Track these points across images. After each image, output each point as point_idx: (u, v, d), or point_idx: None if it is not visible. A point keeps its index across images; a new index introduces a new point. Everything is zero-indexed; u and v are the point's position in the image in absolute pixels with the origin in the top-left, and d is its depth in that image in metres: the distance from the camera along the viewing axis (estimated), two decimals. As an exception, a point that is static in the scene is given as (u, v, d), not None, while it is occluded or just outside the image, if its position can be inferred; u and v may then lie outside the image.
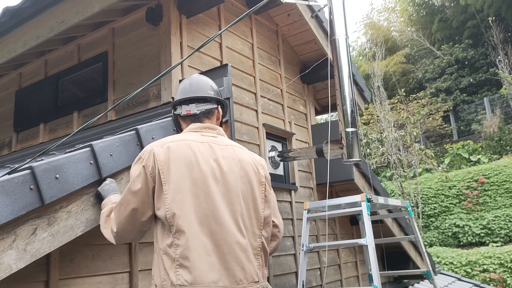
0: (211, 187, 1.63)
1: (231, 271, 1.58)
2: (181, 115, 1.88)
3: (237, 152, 1.78)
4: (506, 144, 13.29)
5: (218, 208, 1.62)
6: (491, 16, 16.01)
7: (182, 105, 1.88)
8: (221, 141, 1.78)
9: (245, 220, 1.67)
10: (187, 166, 1.63)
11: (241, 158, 1.76)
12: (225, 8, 3.70)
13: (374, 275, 2.89)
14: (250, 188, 1.73)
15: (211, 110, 1.89)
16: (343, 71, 3.09)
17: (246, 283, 1.61)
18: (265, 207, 1.77)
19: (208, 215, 1.60)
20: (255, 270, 1.65)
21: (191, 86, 1.91)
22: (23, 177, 1.52)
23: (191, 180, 1.62)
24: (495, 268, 8.65)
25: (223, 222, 1.61)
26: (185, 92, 1.90)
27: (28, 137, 4.06)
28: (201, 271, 1.54)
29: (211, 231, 1.59)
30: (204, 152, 1.69)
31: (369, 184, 4.37)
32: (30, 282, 1.84)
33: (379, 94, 13.42)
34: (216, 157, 1.70)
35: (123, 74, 3.38)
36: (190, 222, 1.58)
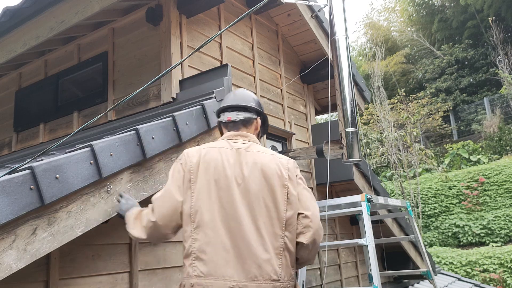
0: (233, 190, 1.79)
1: (246, 267, 1.69)
2: (222, 121, 2.07)
3: (261, 157, 1.91)
4: (506, 144, 13.29)
5: (238, 209, 1.76)
6: (491, 16, 16.00)
7: (225, 112, 2.08)
8: (249, 147, 1.94)
9: (265, 221, 1.78)
10: (214, 170, 1.82)
11: (264, 163, 1.88)
12: (225, 8, 3.70)
13: (374, 275, 2.89)
14: (271, 191, 1.84)
15: (250, 119, 2.07)
16: (343, 71, 3.09)
17: (262, 280, 1.69)
18: (288, 209, 1.84)
19: (228, 215, 1.75)
20: (274, 269, 1.73)
21: (234, 96, 2.11)
22: (23, 177, 1.52)
23: (216, 183, 1.80)
24: (495, 268, 8.65)
25: (241, 222, 1.74)
26: (228, 100, 2.11)
27: (28, 137, 4.06)
28: (216, 264, 1.69)
29: (230, 229, 1.73)
30: (231, 158, 1.87)
31: (369, 184, 4.37)
32: (30, 282, 1.84)
33: (379, 94, 13.41)
34: (240, 163, 1.86)
35: (123, 74, 3.38)
36: (210, 219, 1.75)
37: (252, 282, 1.68)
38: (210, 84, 2.81)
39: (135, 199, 2.02)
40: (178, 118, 2.27)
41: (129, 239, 2.35)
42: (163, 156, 2.19)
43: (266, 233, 1.76)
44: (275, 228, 1.79)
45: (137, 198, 2.03)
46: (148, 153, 2.05)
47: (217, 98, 2.63)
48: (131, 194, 2.01)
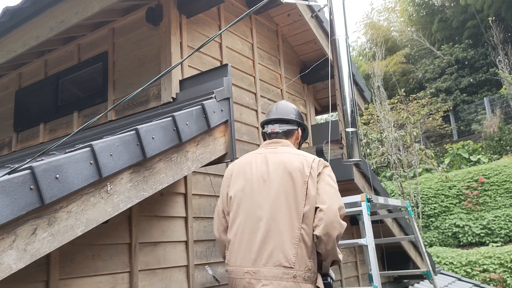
0: (257, 186, 2.05)
1: (260, 255, 1.92)
2: (267, 132, 2.36)
3: (286, 156, 2.13)
4: (506, 144, 13.29)
5: (261, 203, 2.00)
6: (491, 16, 16.00)
7: (269, 125, 2.37)
8: (277, 150, 2.19)
9: (283, 213, 1.96)
10: (244, 173, 2.14)
11: (288, 161, 2.10)
12: (225, 8, 3.70)
13: (374, 275, 2.89)
14: (293, 186, 2.02)
15: (291, 130, 2.36)
16: (343, 71, 3.08)
17: (272, 266, 1.89)
18: (306, 203, 2.00)
19: (252, 210, 2.01)
20: (286, 257, 1.90)
21: (277, 110, 2.39)
22: (23, 177, 1.52)
23: (244, 182, 2.09)
24: (495, 268, 8.65)
25: (261, 215, 1.98)
26: (271, 114, 2.39)
27: (28, 137, 4.06)
28: (237, 254, 1.99)
29: (252, 222, 1.99)
30: (259, 161, 2.15)
31: (369, 184, 4.37)
32: (30, 282, 1.84)
33: (379, 94, 13.41)
34: (266, 162, 2.12)
35: (123, 74, 3.38)
36: (238, 215, 2.04)
37: (264, 267, 1.88)
38: (210, 84, 2.81)
39: None
40: (178, 118, 2.27)
41: (129, 239, 2.36)
42: (163, 156, 2.19)
43: (284, 224, 1.94)
44: (293, 220, 1.95)
45: (137, 198, 2.03)
46: (148, 153, 2.05)
47: (217, 98, 2.63)
48: (131, 194, 2.01)
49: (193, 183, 2.94)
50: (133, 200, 2.01)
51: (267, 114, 2.43)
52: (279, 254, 1.89)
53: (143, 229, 2.45)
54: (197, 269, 2.77)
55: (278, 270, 1.86)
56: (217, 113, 2.57)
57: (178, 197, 2.79)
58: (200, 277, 2.77)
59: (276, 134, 2.32)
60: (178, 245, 2.67)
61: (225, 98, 2.69)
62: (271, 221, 1.94)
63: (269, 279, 1.87)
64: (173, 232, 2.66)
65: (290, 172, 2.04)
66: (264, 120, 2.41)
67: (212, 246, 2.95)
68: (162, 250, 2.56)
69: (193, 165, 2.38)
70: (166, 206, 2.68)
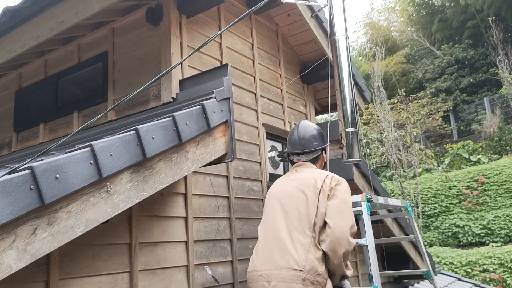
0: (277, 201, 2.33)
1: (273, 259, 2.10)
2: (293, 161, 2.60)
3: (304, 174, 2.38)
4: (506, 144, 13.29)
5: (276, 215, 2.26)
6: (491, 16, 16.00)
7: (295, 156, 2.59)
8: (300, 171, 2.45)
9: (296, 223, 2.15)
10: (273, 193, 2.43)
11: (304, 177, 2.33)
12: (225, 8, 3.70)
13: (374, 275, 2.89)
14: (305, 200, 2.21)
15: (317, 158, 2.57)
16: (343, 71, 3.08)
17: (284, 269, 2.04)
18: (316, 214, 2.18)
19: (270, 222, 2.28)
20: (296, 260, 2.04)
21: (300, 140, 2.57)
22: (23, 177, 1.52)
23: (270, 201, 2.39)
24: (495, 268, 8.65)
25: (277, 225, 2.20)
26: (296, 145, 2.58)
27: (28, 137, 4.06)
28: (256, 260, 2.22)
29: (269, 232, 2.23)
30: (283, 181, 2.48)
31: (369, 184, 4.37)
32: (30, 282, 1.84)
33: (379, 94, 13.41)
34: (288, 183, 2.39)
35: (123, 74, 3.38)
36: (263, 227, 2.33)
37: (275, 270, 2.03)
38: (210, 84, 2.81)
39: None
40: (178, 118, 2.27)
41: (129, 239, 2.36)
42: (163, 156, 2.19)
43: (296, 232, 2.11)
44: (304, 229, 2.12)
45: (137, 198, 2.03)
46: (148, 153, 2.05)
47: (217, 98, 2.63)
48: (131, 194, 2.01)
49: (193, 183, 2.94)
50: (133, 200, 2.01)
51: (291, 142, 2.63)
52: (290, 258, 2.04)
53: (143, 229, 2.45)
54: (197, 269, 2.77)
55: (288, 273, 2.00)
56: (217, 113, 2.57)
57: (178, 197, 2.79)
58: (200, 277, 2.77)
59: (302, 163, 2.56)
60: (178, 245, 2.67)
61: (225, 98, 2.69)
62: (285, 231, 2.14)
63: (279, 281, 2.04)
64: (173, 232, 2.66)
65: (304, 186, 2.26)
66: (289, 152, 2.63)
67: (212, 246, 2.96)
68: (162, 250, 2.56)
69: (193, 165, 2.38)
70: (166, 206, 2.68)
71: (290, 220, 2.18)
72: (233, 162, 3.17)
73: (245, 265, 3.23)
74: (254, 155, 3.63)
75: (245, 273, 3.17)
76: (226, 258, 3.07)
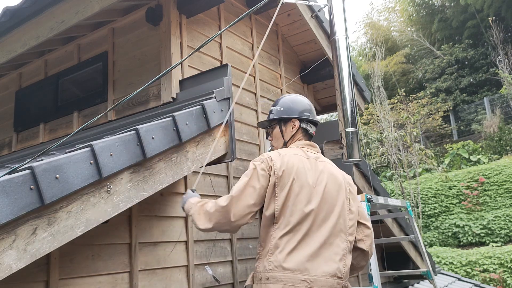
0: (312, 196, 1.96)
1: (316, 264, 1.89)
2: (308, 131, 2.24)
3: (331, 168, 2.12)
4: (506, 144, 13.29)
5: (317, 215, 1.95)
6: (491, 16, 16.00)
7: (312, 124, 2.25)
8: (320, 158, 2.13)
9: (336, 226, 1.97)
10: (297, 175, 1.97)
11: (336, 175, 2.10)
12: (225, 8, 3.70)
13: (374, 275, 2.89)
14: (341, 200, 2.04)
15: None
16: (343, 71, 3.08)
17: (328, 277, 1.89)
18: (350, 218, 2.06)
19: (308, 220, 1.93)
20: (339, 268, 1.93)
21: (312, 109, 2.28)
22: (23, 177, 1.52)
23: (298, 188, 1.95)
24: (495, 268, 8.65)
25: (317, 226, 1.94)
26: (314, 114, 2.27)
27: (28, 137, 4.06)
28: (293, 261, 1.87)
29: (308, 232, 1.92)
30: (310, 167, 2.03)
31: (369, 184, 4.37)
32: (30, 282, 1.84)
33: (379, 94, 13.41)
34: (317, 171, 2.04)
35: (123, 74, 3.38)
36: (290, 222, 1.92)
37: (320, 277, 1.87)
38: (210, 84, 2.81)
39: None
40: (178, 118, 2.27)
41: (129, 239, 2.36)
42: (163, 156, 2.19)
43: (336, 237, 1.96)
44: (342, 233, 2.00)
45: (137, 198, 2.03)
46: (148, 153, 2.05)
47: (217, 98, 2.63)
48: (131, 194, 2.01)
49: (193, 183, 2.94)
50: (133, 200, 2.01)
51: (310, 111, 2.25)
52: (333, 264, 1.92)
53: (143, 229, 2.45)
54: (197, 269, 2.77)
55: (333, 280, 1.90)
56: (217, 113, 2.57)
57: (178, 197, 2.79)
58: (200, 277, 2.77)
59: (309, 135, 2.26)
60: (178, 245, 2.67)
61: (225, 98, 2.69)
62: (326, 234, 1.94)
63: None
64: (173, 232, 2.66)
65: (339, 186, 2.07)
66: (311, 119, 2.24)
67: (212, 246, 2.96)
68: (162, 250, 2.56)
69: (193, 165, 2.38)
70: (166, 206, 2.68)
71: (330, 222, 1.97)
72: (233, 162, 3.17)
73: (245, 265, 3.23)
74: (254, 155, 3.63)
75: (245, 272, 3.17)
76: (226, 258, 3.07)
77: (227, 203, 1.94)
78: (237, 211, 1.93)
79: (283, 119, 2.23)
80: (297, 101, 2.26)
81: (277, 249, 1.89)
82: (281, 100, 2.30)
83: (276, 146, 2.27)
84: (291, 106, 2.23)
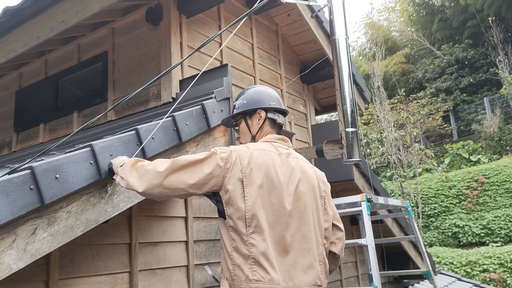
0: (284, 196, 1.77)
1: (295, 273, 1.72)
2: (276, 121, 2.04)
3: (304, 165, 1.93)
4: (506, 144, 13.29)
5: (290, 217, 1.76)
6: (491, 16, 16.00)
7: (279, 114, 2.05)
8: (292, 154, 1.94)
9: (311, 229, 1.81)
10: (267, 174, 1.76)
11: (308, 172, 1.91)
12: (225, 8, 3.70)
13: (374, 275, 2.89)
14: (315, 201, 1.87)
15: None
16: (343, 71, 3.08)
17: (309, 286, 1.74)
18: (325, 219, 1.91)
19: (282, 222, 1.74)
20: (318, 275, 1.78)
21: (279, 100, 2.08)
22: (23, 177, 1.52)
23: (268, 188, 1.75)
24: (495, 268, 8.65)
25: (293, 229, 1.76)
26: (280, 103, 2.08)
27: (28, 137, 4.06)
28: (274, 270, 1.67)
29: (282, 236, 1.73)
30: (281, 163, 1.83)
31: (369, 184, 4.37)
32: (30, 282, 1.84)
33: (379, 94, 13.41)
34: (288, 168, 1.85)
35: (123, 74, 3.38)
36: (266, 225, 1.71)
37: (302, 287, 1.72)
38: (210, 84, 2.82)
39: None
40: (178, 118, 2.27)
41: (129, 239, 2.36)
42: (163, 156, 2.19)
43: (313, 241, 1.80)
44: (318, 237, 1.84)
45: (137, 198, 2.03)
46: (148, 153, 2.05)
47: (217, 98, 2.63)
48: (131, 194, 2.01)
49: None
50: (133, 200, 2.01)
51: (274, 100, 2.04)
52: (313, 272, 1.77)
53: (143, 229, 2.45)
54: (197, 269, 2.77)
55: None
56: (217, 113, 2.57)
57: (178, 197, 2.78)
58: (200, 277, 2.77)
59: (278, 127, 2.05)
60: (178, 245, 2.67)
61: (225, 98, 2.69)
62: (302, 238, 1.77)
63: None
64: (173, 232, 2.66)
65: (313, 185, 1.89)
66: (278, 107, 2.04)
67: (212, 246, 2.96)
68: (162, 250, 2.55)
69: (193, 165, 2.37)
70: (166, 206, 2.68)
71: (305, 224, 1.80)
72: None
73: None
74: (254, 155, 3.63)
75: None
76: (226, 258, 3.06)
77: (164, 169, 1.69)
78: (170, 182, 1.69)
79: (248, 112, 2.02)
80: (260, 91, 2.08)
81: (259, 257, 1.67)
82: (244, 93, 2.11)
83: (244, 143, 2.04)
84: (254, 97, 2.05)
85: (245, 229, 1.70)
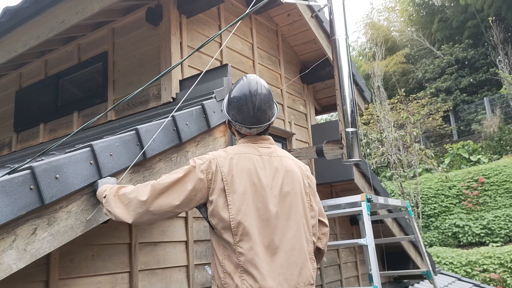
0: (269, 199, 1.75)
1: (288, 276, 1.71)
2: (239, 132, 1.92)
3: (288, 163, 1.89)
4: (506, 144, 13.29)
5: (277, 219, 1.75)
6: (491, 16, 16.00)
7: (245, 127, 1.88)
8: (274, 152, 1.89)
9: (299, 228, 1.80)
10: (249, 179, 1.74)
11: (292, 170, 1.87)
12: (225, 8, 3.70)
13: (374, 275, 2.89)
14: (301, 199, 1.85)
15: (268, 127, 1.93)
16: (343, 71, 3.09)
17: (303, 286, 1.74)
18: (312, 215, 1.90)
19: (269, 227, 1.73)
20: (310, 273, 1.79)
21: (254, 112, 1.84)
22: (23, 177, 1.52)
23: (252, 193, 1.73)
24: (495, 268, 8.65)
25: (281, 232, 1.74)
26: (249, 116, 1.84)
27: (28, 137, 4.06)
28: (263, 276, 1.65)
29: (271, 241, 1.72)
30: (262, 165, 1.80)
31: (369, 184, 4.37)
32: (30, 282, 1.84)
33: (379, 94, 13.41)
34: (272, 169, 1.81)
35: (123, 74, 3.38)
36: (252, 232, 1.69)
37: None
38: (210, 84, 2.82)
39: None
40: (178, 118, 2.27)
41: (129, 239, 2.36)
42: (163, 156, 2.19)
43: (302, 240, 1.79)
44: (307, 235, 1.83)
45: (137, 198, 2.03)
46: (148, 153, 2.05)
47: (217, 98, 2.63)
48: (131, 194, 2.00)
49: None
50: (133, 200, 2.01)
51: (239, 111, 1.85)
52: (306, 271, 1.76)
53: (143, 229, 2.45)
54: (197, 269, 2.77)
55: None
56: (217, 113, 2.57)
57: (178, 197, 2.78)
58: (200, 277, 2.77)
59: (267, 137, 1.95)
60: (178, 245, 2.67)
61: (225, 98, 2.69)
62: (291, 239, 1.75)
63: None
64: (173, 232, 2.66)
65: (296, 183, 1.85)
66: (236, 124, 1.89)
67: (212, 246, 2.95)
68: (162, 250, 2.55)
69: (193, 165, 2.37)
70: (166, 206, 2.68)
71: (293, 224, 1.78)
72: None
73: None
74: (254, 155, 3.63)
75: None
76: (226, 258, 3.07)
77: (147, 197, 1.66)
78: (156, 208, 1.67)
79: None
80: (227, 100, 1.94)
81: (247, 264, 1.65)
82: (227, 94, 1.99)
83: None
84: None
85: (232, 238, 1.68)
